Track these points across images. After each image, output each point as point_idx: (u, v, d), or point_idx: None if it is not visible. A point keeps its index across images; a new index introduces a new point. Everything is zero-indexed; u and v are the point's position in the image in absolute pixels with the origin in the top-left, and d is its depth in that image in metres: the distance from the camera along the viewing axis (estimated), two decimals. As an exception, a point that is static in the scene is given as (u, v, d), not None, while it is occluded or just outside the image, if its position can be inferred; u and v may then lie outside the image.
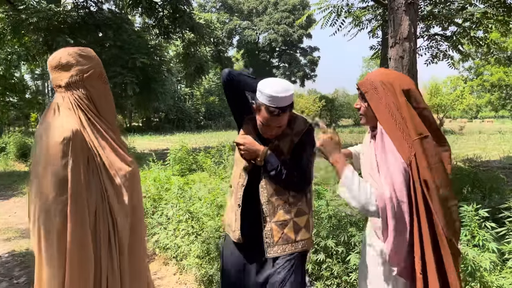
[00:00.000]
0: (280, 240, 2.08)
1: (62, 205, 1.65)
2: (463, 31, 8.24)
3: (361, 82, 1.92)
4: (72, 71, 1.75)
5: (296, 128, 2.13)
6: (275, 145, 2.11)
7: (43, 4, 11.48)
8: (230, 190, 2.29)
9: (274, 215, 2.09)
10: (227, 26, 46.99)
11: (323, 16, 7.87)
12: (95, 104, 1.78)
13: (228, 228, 2.24)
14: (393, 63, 3.83)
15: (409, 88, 1.82)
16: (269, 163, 2.06)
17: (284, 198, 2.11)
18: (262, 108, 1.98)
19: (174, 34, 14.23)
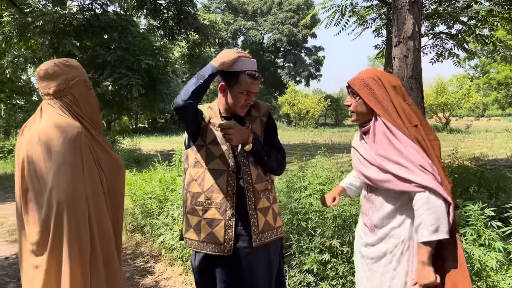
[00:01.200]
0: (263, 228, 2.10)
1: (83, 192, 1.80)
2: (468, 29, 8.19)
3: (352, 80, 2.06)
4: (59, 80, 1.90)
5: (262, 109, 2.25)
6: (250, 129, 2.13)
7: (49, 7, 11.56)
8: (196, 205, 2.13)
9: (258, 202, 2.10)
10: (231, 26, 47.05)
11: (328, 16, 7.87)
12: (81, 108, 1.95)
13: (206, 246, 2.10)
14: (397, 62, 3.82)
15: (396, 84, 2.03)
16: (256, 145, 2.08)
17: (264, 185, 2.15)
18: (241, 76, 2.06)
19: (179, 35, 14.27)
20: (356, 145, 2.14)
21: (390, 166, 1.90)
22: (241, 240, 2.08)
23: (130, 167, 9.50)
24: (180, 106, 2.00)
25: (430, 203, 1.80)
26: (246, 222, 2.09)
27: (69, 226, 1.76)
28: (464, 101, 29.63)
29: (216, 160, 2.10)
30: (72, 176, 1.78)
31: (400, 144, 1.92)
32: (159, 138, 29.65)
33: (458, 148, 9.80)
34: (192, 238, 2.16)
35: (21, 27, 11.19)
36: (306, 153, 9.45)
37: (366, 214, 2.09)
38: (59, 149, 1.78)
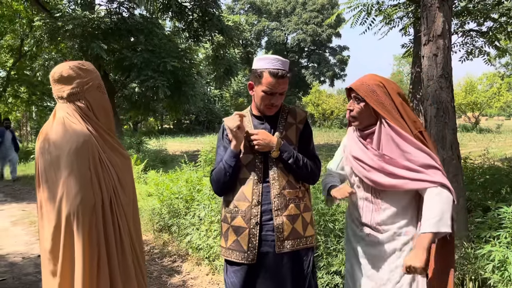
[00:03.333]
0: (290, 235, 2.06)
1: (91, 202, 1.82)
2: (499, 26, 7.94)
3: (356, 86, 2.10)
4: (74, 83, 1.90)
5: (299, 116, 2.22)
6: (283, 136, 2.12)
7: (78, 12, 11.87)
8: (227, 213, 2.15)
9: (286, 208, 2.07)
10: (255, 27, 47.09)
11: (353, 15, 7.77)
12: (94, 112, 1.95)
13: (232, 253, 2.12)
14: (426, 61, 3.75)
15: (399, 91, 2.10)
16: (286, 152, 2.07)
17: (295, 192, 2.11)
18: (264, 74, 2.05)
19: (204, 37, 14.39)
20: (354, 152, 2.13)
21: (401, 172, 1.96)
22: (267, 248, 2.07)
23: (156, 168, 9.64)
24: (219, 194, 2.23)
25: (440, 196, 1.87)
26: (271, 231, 2.07)
27: (78, 236, 1.79)
28: (495, 100, 28.78)
29: (243, 169, 2.12)
30: (80, 185, 1.79)
31: (409, 146, 1.97)
32: (184, 139, 29.96)
33: (489, 149, 9.52)
34: (222, 245, 2.20)
35: (52, 31, 11.52)
36: (332, 154, 9.38)
37: (367, 215, 2.10)
38: (67, 159, 1.79)
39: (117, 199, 1.95)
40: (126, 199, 2.02)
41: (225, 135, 2.20)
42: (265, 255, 2.07)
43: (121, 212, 1.97)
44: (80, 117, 1.90)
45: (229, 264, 2.16)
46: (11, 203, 8.58)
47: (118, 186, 1.97)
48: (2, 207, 8.16)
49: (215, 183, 2.18)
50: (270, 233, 2.06)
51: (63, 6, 12.70)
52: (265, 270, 2.08)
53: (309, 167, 2.14)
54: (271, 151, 2.06)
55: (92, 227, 1.82)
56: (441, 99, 3.69)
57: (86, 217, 1.80)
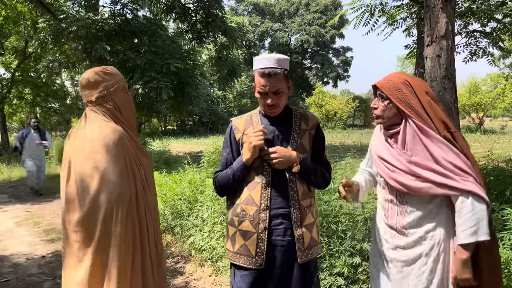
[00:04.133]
0: (309, 244, 2.06)
1: (128, 194, 1.94)
2: (503, 27, 7.91)
3: (381, 84, 2.03)
4: (100, 87, 2.03)
5: (311, 122, 2.16)
6: (298, 144, 2.09)
7: (82, 13, 11.92)
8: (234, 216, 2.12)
9: (305, 218, 2.06)
10: (259, 28, 47.13)
11: (356, 16, 7.77)
12: (121, 112, 2.08)
13: (239, 258, 2.09)
14: (429, 62, 3.74)
15: (428, 90, 2.02)
16: (305, 166, 2.04)
17: (310, 201, 2.12)
18: (255, 74, 2.04)
19: (207, 38, 14.41)
20: (379, 151, 2.09)
21: (428, 174, 1.89)
22: (276, 253, 2.04)
23: (160, 169, 9.65)
24: (221, 196, 2.23)
25: (473, 206, 1.81)
26: (281, 236, 2.04)
27: (116, 227, 1.90)
28: (499, 101, 28.66)
29: (251, 172, 2.08)
30: (118, 178, 1.90)
31: (436, 147, 1.90)
32: (188, 140, 30.01)
33: (493, 150, 9.49)
34: (228, 248, 2.17)
35: (56, 33, 11.56)
36: (335, 155, 9.36)
37: (392, 217, 2.05)
38: (105, 153, 1.90)
39: (145, 196, 2.06)
40: (150, 198, 2.11)
41: (232, 137, 2.17)
42: (274, 260, 2.04)
43: (147, 209, 2.07)
44: (110, 118, 2.04)
45: (236, 268, 2.13)
46: (15, 204, 8.61)
47: (145, 185, 2.07)
48: (6, 208, 8.20)
49: (220, 187, 2.16)
50: (280, 238, 2.03)
51: (67, 7, 12.74)
52: (274, 275, 2.05)
53: (325, 176, 2.15)
54: (292, 167, 2.02)
55: (129, 218, 1.93)
56: (444, 100, 3.68)
57: (124, 209, 1.91)
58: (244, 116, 2.22)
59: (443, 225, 1.94)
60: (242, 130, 2.15)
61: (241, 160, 2.06)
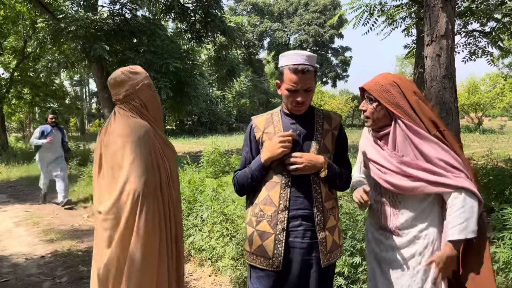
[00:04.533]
0: (331, 247, 2.00)
1: (153, 183, 2.06)
2: (503, 26, 7.92)
3: (369, 86, 2.04)
4: (126, 86, 2.16)
5: (334, 121, 2.08)
6: (322, 144, 2.01)
7: (81, 13, 11.88)
8: (252, 216, 2.08)
9: (327, 221, 2.00)
10: (258, 28, 47.13)
11: (355, 16, 7.78)
12: (147, 109, 2.19)
13: (256, 259, 2.05)
14: (429, 61, 3.74)
15: (415, 90, 2.03)
16: (332, 170, 1.98)
17: (332, 203, 2.05)
18: (285, 71, 1.94)
19: (206, 38, 14.39)
20: (369, 153, 2.10)
21: (420, 173, 1.91)
22: (294, 255, 1.98)
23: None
24: (240, 195, 2.18)
25: (465, 202, 1.84)
26: (300, 238, 1.98)
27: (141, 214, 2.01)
28: (498, 100, 28.69)
29: (270, 172, 2.02)
30: (144, 168, 2.02)
31: (427, 145, 1.92)
32: (187, 140, 29.99)
33: (492, 149, 9.50)
34: (246, 249, 2.13)
35: (55, 32, 11.53)
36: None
37: (386, 219, 2.07)
38: (132, 146, 2.03)
39: (169, 190, 2.18)
40: (174, 191, 2.23)
41: (252, 136, 2.11)
42: (291, 262, 1.98)
43: (170, 203, 2.18)
44: (137, 114, 2.16)
45: (253, 269, 2.08)
46: (14, 204, 8.60)
47: (169, 178, 2.18)
48: (5, 208, 8.18)
49: (239, 187, 2.11)
50: (299, 240, 1.97)
51: (66, 7, 12.70)
52: (291, 278, 1.99)
53: (348, 179, 2.10)
54: (320, 172, 1.94)
55: (155, 205, 2.05)
56: (444, 100, 3.68)
57: (150, 196, 2.03)
58: (264, 115, 2.15)
59: (435, 224, 1.97)
60: (262, 129, 2.08)
61: (259, 160, 2.00)
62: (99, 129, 35.06)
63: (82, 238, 5.82)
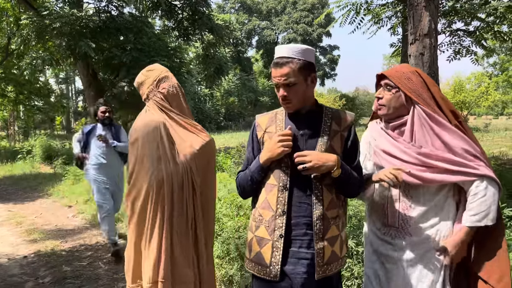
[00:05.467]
0: (329, 259, 1.83)
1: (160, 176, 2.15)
2: (486, 26, 8.03)
3: (390, 73, 1.98)
4: (146, 84, 2.32)
5: (343, 123, 1.89)
6: (328, 146, 1.84)
7: (66, 10, 11.73)
8: (253, 220, 1.96)
9: (327, 231, 1.82)
10: (246, 26, 47.07)
11: (342, 14, 7.81)
12: (169, 102, 2.29)
13: (254, 266, 1.92)
14: (413, 60, 3.77)
15: (434, 83, 1.99)
16: (345, 171, 1.80)
17: (337, 211, 1.87)
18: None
19: (194, 36, 14.33)
20: (383, 146, 2.01)
21: (441, 164, 1.87)
22: (296, 266, 1.82)
23: (145, 167, 9.58)
24: (244, 198, 2.11)
25: (487, 190, 1.84)
26: (305, 248, 1.82)
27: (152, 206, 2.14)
28: (483, 99, 29.08)
29: (269, 173, 1.89)
30: (151, 162, 2.15)
31: (448, 135, 1.89)
32: (174, 138, 29.81)
33: (477, 147, 9.59)
34: (246, 255, 2.01)
35: (39, 29, 11.36)
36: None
37: (393, 215, 1.99)
38: (141, 141, 2.18)
39: (192, 179, 2.24)
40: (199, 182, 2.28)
41: (254, 135, 1.99)
42: (290, 273, 1.82)
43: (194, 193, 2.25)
44: (159, 109, 2.27)
45: (255, 278, 1.95)
46: (-3, 204, 8.46)
47: (188, 169, 2.23)
48: (-12, 207, 8.05)
49: (240, 189, 2.01)
50: (304, 251, 1.82)
51: (50, 4, 12.52)
52: None
53: (361, 183, 1.92)
54: (332, 171, 1.76)
55: (164, 198, 2.15)
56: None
57: (158, 189, 2.14)
58: (269, 113, 2.01)
59: (449, 218, 1.93)
60: (264, 127, 1.95)
61: (258, 160, 1.88)
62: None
63: (66, 238, 5.75)
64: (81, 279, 4.23)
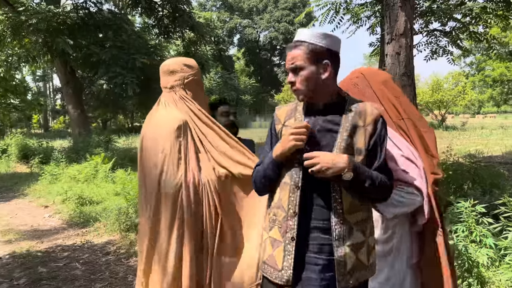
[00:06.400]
0: (353, 267, 1.63)
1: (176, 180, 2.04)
2: (462, 26, 8.20)
3: (341, 83, 2.08)
4: (177, 76, 2.20)
5: (369, 117, 1.64)
6: (348, 144, 1.62)
7: (42, 6, 11.52)
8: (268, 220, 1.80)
9: (350, 236, 1.62)
10: (227, 24, 46.96)
11: (322, 13, 7.87)
12: (192, 101, 2.20)
13: (266, 268, 1.76)
14: (389, 59, 3.82)
15: (384, 79, 2.04)
16: (360, 173, 1.58)
17: (361, 214, 1.67)
18: None
19: (174, 33, 14.25)
20: None
21: None
22: (308, 272, 1.65)
23: (125, 166, 9.47)
24: (260, 195, 1.91)
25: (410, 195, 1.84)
26: (323, 254, 1.64)
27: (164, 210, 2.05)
28: (460, 98, 29.73)
29: (283, 170, 1.72)
30: (171, 164, 2.04)
31: (389, 141, 1.90)
32: (155, 136, 29.55)
33: (454, 145, 9.84)
34: (261, 256, 1.88)
35: (15, 25, 11.13)
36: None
37: None
38: (164, 140, 2.07)
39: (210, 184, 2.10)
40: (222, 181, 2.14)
41: (273, 129, 1.83)
42: (305, 279, 1.65)
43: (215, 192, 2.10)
44: (182, 104, 2.17)
45: (267, 281, 1.79)
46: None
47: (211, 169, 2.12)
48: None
49: (255, 185, 1.85)
50: (314, 256, 1.64)
51: (26, 0, 12.28)
52: None
53: (386, 187, 1.66)
54: (342, 174, 1.56)
55: (177, 203, 2.03)
56: (403, 97, 3.77)
57: (171, 193, 2.03)
58: (289, 105, 1.84)
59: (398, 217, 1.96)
60: (282, 120, 1.78)
61: (271, 155, 1.72)
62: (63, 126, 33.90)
63: (42, 238, 5.64)
64: (57, 280, 4.16)
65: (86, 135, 13.69)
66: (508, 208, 2.77)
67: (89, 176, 9.05)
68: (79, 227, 6.15)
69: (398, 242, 1.97)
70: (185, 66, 2.23)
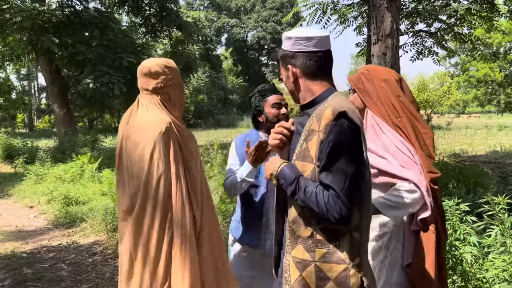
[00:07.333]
0: (297, 285, 1.48)
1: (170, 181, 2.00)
2: (447, 27, 8.31)
3: (350, 77, 2.17)
4: (159, 79, 2.12)
5: (323, 120, 1.42)
6: (304, 148, 1.49)
7: (27, 3, 11.35)
8: None
9: (293, 247, 1.51)
10: (215, 24, 46.81)
11: (309, 13, 7.90)
12: (175, 105, 2.17)
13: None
14: (376, 60, 3.86)
15: (387, 77, 2.09)
16: (283, 179, 1.49)
17: (308, 231, 1.48)
18: None
19: (161, 32, 14.19)
20: None
21: (379, 161, 1.94)
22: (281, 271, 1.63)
23: (112, 166, 9.38)
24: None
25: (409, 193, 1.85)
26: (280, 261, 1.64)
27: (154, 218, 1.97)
28: (445, 98, 30.10)
29: None
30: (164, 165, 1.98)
31: (387, 137, 1.96)
32: (142, 136, 29.34)
33: (439, 145, 9.96)
34: None
35: (-1, 23, 10.96)
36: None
37: None
38: (152, 142, 1.98)
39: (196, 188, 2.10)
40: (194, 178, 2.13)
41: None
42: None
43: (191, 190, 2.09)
44: (161, 106, 2.11)
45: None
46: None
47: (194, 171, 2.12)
48: None
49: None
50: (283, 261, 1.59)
51: (11, -3, 12.09)
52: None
53: (318, 204, 1.39)
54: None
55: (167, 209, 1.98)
56: (389, 97, 3.81)
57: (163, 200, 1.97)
58: None
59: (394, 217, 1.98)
60: None
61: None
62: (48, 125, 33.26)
63: (26, 239, 5.57)
64: (42, 282, 4.11)
65: (72, 134, 13.54)
66: (491, 207, 2.81)
67: (75, 176, 8.95)
68: (65, 227, 6.09)
69: (389, 240, 1.99)
70: (166, 68, 2.15)
